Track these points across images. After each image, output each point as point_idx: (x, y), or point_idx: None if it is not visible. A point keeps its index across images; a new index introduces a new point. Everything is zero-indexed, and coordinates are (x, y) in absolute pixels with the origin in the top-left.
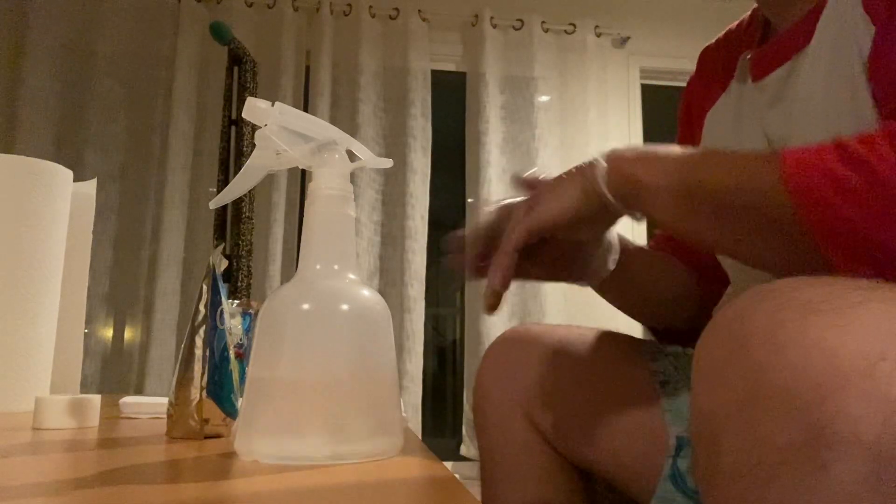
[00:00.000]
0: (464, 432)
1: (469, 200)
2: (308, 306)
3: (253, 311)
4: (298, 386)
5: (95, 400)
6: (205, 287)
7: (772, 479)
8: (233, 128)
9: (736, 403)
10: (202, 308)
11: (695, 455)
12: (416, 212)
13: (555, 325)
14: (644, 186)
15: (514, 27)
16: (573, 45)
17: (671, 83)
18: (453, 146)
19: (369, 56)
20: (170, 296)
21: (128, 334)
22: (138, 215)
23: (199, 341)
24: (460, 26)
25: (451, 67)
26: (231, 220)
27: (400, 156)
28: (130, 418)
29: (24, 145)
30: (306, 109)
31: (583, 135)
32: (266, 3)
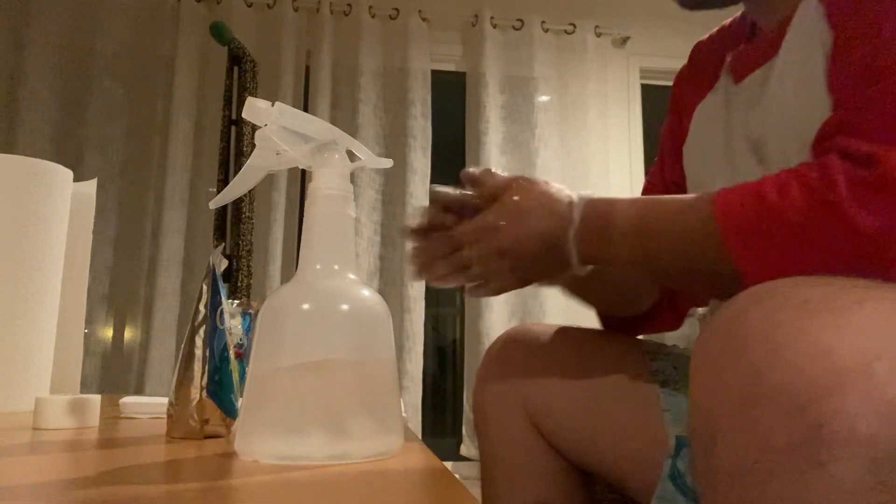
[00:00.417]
0: (464, 432)
1: None
2: (308, 306)
3: (253, 311)
4: (298, 386)
5: (95, 400)
6: (205, 287)
7: (770, 478)
8: (233, 128)
9: (734, 402)
10: (202, 308)
11: (693, 454)
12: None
13: (555, 325)
14: (607, 262)
15: (514, 27)
16: (573, 45)
17: (671, 83)
18: (453, 146)
19: (369, 56)
20: (170, 296)
21: (128, 334)
22: (138, 215)
23: (199, 341)
24: (460, 26)
25: (451, 67)
26: (231, 220)
27: (400, 156)
28: (130, 418)
29: (24, 145)
30: (306, 109)
31: (583, 135)
32: (266, 3)
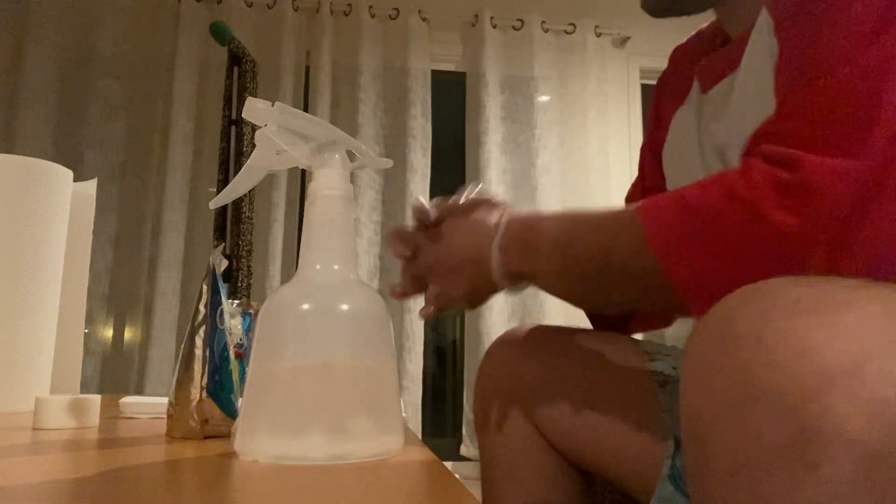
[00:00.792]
0: (464, 432)
1: None
2: (308, 306)
3: (253, 311)
4: (298, 386)
5: (95, 400)
6: (205, 287)
7: (761, 479)
8: (233, 128)
9: (724, 403)
10: (202, 308)
11: (684, 455)
12: None
13: (554, 326)
14: (532, 274)
15: (514, 27)
16: (573, 45)
17: None
18: (453, 146)
19: (369, 56)
20: (170, 296)
21: (128, 334)
22: (138, 215)
23: (199, 341)
24: (460, 26)
25: (451, 67)
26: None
27: (400, 156)
28: (130, 418)
29: (24, 145)
30: (306, 109)
31: (583, 135)
32: (266, 3)
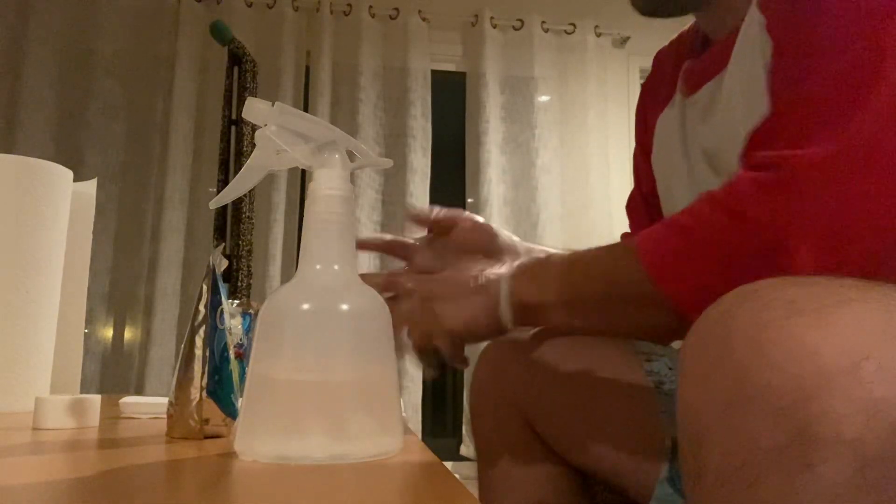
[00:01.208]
0: (464, 432)
1: (469, 200)
2: (308, 306)
3: (253, 312)
4: (298, 386)
5: (95, 400)
6: (205, 287)
7: (757, 480)
8: (233, 128)
9: (721, 404)
10: (202, 308)
11: (680, 455)
12: None
13: (551, 327)
14: (539, 306)
15: (514, 27)
16: (573, 45)
17: None
18: (453, 146)
19: (369, 56)
20: (170, 296)
21: (128, 334)
22: (138, 215)
23: (199, 341)
24: (460, 26)
25: (451, 67)
26: (231, 220)
27: (400, 156)
28: (130, 418)
29: (24, 145)
30: (306, 109)
31: (583, 135)
32: (266, 3)
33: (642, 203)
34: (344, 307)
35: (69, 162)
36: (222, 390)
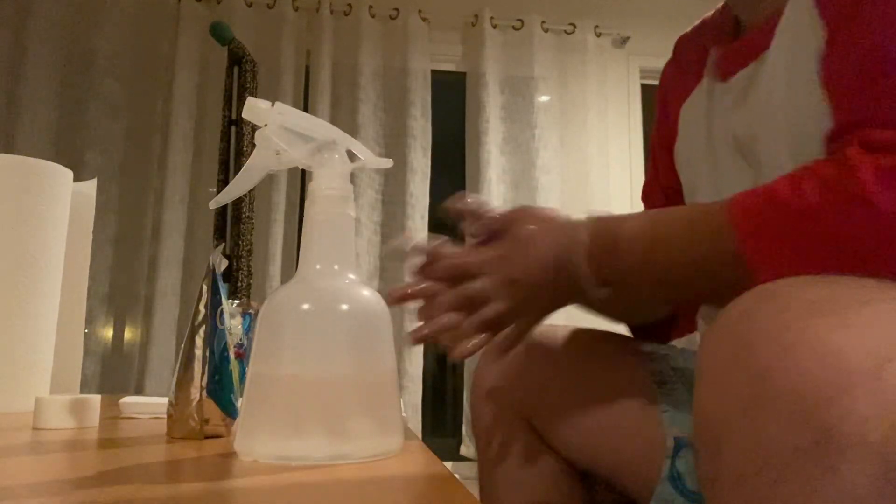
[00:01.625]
0: (464, 432)
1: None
2: (308, 306)
3: (253, 311)
4: (298, 386)
5: (95, 400)
6: (205, 287)
7: (778, 482)
8: (233, 128)
9: (741, 406)
10: (202, 308)
11: (697, 458)
12: (416, 212)
13: (552, 326)
14: (621, 275)
15: (514, 27)
16: (573, 45)
17: None
18: (453, 146)
19: (369, 56)
20: (170, 296)
21: (128, 334)
22: (138, 215)
23: (199, 341)
24: (460, 26)
25: (451, 67)
26: (231, 220)
27: (400, 156)
28: (130, 418)
29: (24, 145)
30: (306, 109)
31: (583, 135)
32: (266, 3)
33: (660, 193)
34: (344, 307)
35: (69, 162)
36: (222, 390)
